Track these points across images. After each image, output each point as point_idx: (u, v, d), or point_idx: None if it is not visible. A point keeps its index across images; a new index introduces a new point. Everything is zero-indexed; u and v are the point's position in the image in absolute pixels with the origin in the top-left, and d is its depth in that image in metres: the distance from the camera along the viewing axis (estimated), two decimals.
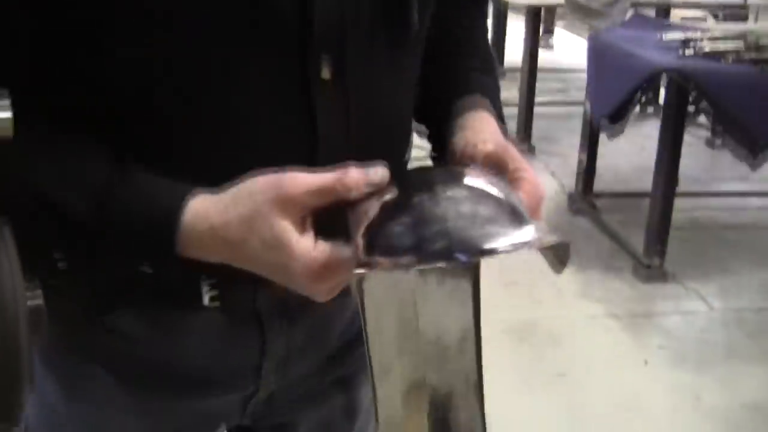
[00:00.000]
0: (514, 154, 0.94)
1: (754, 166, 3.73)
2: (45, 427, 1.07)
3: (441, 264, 0.78)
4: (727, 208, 4.84)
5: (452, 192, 0.81)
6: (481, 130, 1.00)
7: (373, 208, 0.82)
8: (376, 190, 0.84)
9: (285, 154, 0.89)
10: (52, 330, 0.92)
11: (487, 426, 0.88)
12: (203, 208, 0.86)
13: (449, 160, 0.99)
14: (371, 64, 0.97)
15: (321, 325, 1.11)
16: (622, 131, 4.16)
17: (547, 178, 5.15)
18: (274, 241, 0.83)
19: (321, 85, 0.92)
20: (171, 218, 0.86)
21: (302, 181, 0.83)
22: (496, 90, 1.13)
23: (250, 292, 1.01)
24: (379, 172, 0.84)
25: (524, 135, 5.56)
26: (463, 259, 0.76)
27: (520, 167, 0.93)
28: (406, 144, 1.11)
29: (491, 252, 0.77)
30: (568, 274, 3.92)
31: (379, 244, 0.79)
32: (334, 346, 1.15)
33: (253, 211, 0.83)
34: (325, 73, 0.92)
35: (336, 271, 0.83)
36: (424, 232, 0.78)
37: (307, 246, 0.83)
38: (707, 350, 3.40)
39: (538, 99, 5.73)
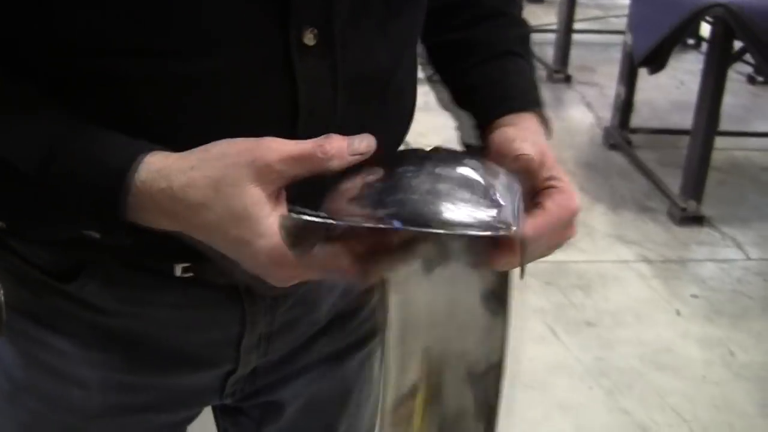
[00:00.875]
0: (550, 161, 0.89)
1: None
2: None
3: (370, 225, 0.75)
4: (767, 149, 4.70)
5: (439, 170, 0.79)
6: (523, 129, 0.94)
7: (354, 186, 0.79)
8: (363, 170, 0.80)
9: (262, 126, 0.82)
10: (13, 291, 0.91)
11: (510, 373, 0.88)
12: (164, 166, 0.78)
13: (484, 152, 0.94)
14: (362, 29, 0.89)
15: (308, 299, 1.06)
16: (663, 68, 4.05)
17: (583, 109, 5.05)
18: (242, 211, 0.76)
19: (303, 51, 0.84)
20: (122, 173, 0.78)
21: (281, 146, 0.77)
22: (532, 69, 1.08)
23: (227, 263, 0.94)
24: (364, 141, 0.79)
25: (561, 64, 5.43)
26: (395, 225, 0.74)
27: (555, 176, 0.89)
28: (406, 122, 1.05)
29: (430, 231, 0.74)
30: (601, 213, 3.87)
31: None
32: (323, 320, 1.10)
33: (222, 175, 0.76)
34: (309, 39, 0.84)
35: None
36: (385, 199, 0.76)
37: (275, 221, 0.76)
38: (742, 303, 3.32)
39: (576, 26, 5.59)
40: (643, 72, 4.25)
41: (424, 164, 0.79)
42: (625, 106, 4.51)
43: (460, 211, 0.74)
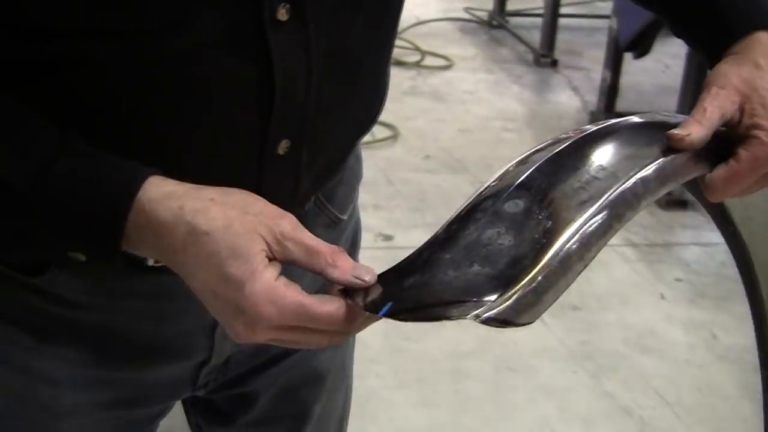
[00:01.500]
0: (754, 107, 0.87)
1: None
2: None
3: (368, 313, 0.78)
4: None
5: (510, 201, 0.79)
6: (738, 63, 0.91)
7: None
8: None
9: (238, 103, 0.84)
10: None
11: (495, 356, 0.85)
12: (175, 189, 0.79)
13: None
14: (334, 5, 0.88)
15: None
16: (647, 52, 4.06)
17: (569, 93, 5.05)
18: (245, 251, 0.76)
19: (277, 27, 0.83)
20: (128, 189, 0.78)
21: (300, 229, 0.79)
22: None
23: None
24: (368, 275, 0.79)
25: (547, 48, 5.43)
26: (381, 313, 0.76)
27: (758, 123, 0.87)
28: (379, 103, 1.04)
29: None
30: None
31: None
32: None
33: (239, 217, 0.77)
34: (282, 14, 0.83)
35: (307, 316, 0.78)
36: (429, 258, 0.79)
37: (273, 274, 0.77)
38: (726, 286, 3.32)
39: (563, 10, 5.59)
40: (629, 56, 4.25)
41: (503, 194, 0.80)
42: (610, 90, 4.51)
43: (466, 280, 0.75)
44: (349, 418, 1.33)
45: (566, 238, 0.76)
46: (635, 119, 0.91)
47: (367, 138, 1.08)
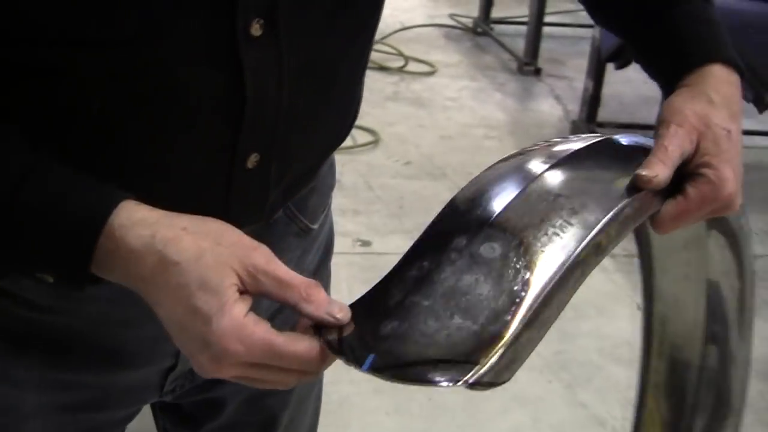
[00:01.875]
0: (707, 145, 0.89)
1: (761, 108, 3.64)
2: None
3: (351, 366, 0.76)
4: None
5: (486, 244, 0.79)
6: (687, 105, 0.92)
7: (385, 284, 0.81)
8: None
9: (208, 116, 0.84)
10: None
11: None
12: (148, 216, 0.78)
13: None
14: (309, 19, 0.88)
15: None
16: (629, 63, 4.07)
17: (552, 102, 5.06)
18: (215, 285, 0.75)
19: (250, 41, 0.83)
20: (100, 213, 0.78)
21: (274, 262, 0.77)
22: (710, 12, 1.03)
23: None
24: (341, 313, 0.78)
25: (531, 56, 5.44)
26: (364, 368, 0.75)
27: (707, 162, 0.89)
28: (353, 115, 1.04)
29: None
30: None
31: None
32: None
33: (211, 249, 0.76)
34: (255, 29, 0.83)
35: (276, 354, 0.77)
36: (404, 300, 0.77)
37: (243, 310, 0.76)
38: None
39: (547, 19, 5.60)
40: (611, 66, 4.26)
41: (478, 233, 0.80)
42: (592, 100, 4.52)
43: (448, 335, 0.74)
44: (323, 425, 1.33)
45: (545, 294, 0.76)
46: (597, 144, 0.91)
47: (347, 143, 1.08)
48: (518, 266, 0.77)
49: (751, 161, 4.54)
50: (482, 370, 0.72)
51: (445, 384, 0.72)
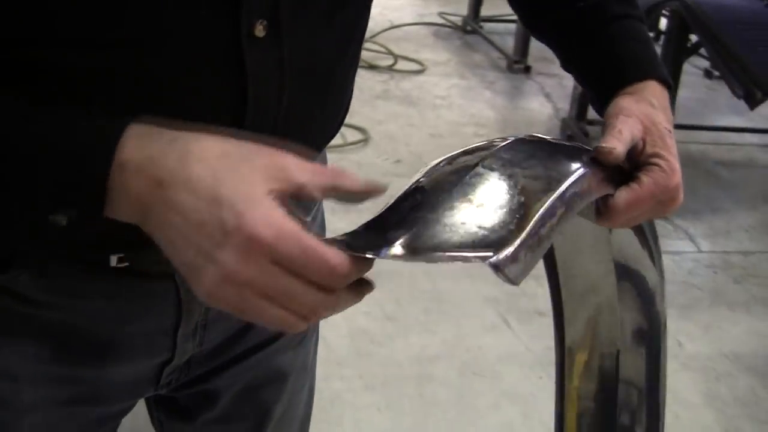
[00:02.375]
0: (656, 137, 0.93)
1: (753, 105, 3.65)
2: None
3: (369, 255, 0.74)
4: (721, 143, 4.74)
5: (474, 179, 0.79)
6: (635, 100, 0.97)
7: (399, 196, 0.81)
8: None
9: (210, 117, 0.81)
10: None
11: (461, 361, 0.84)
12: (164, 127, 0.75)
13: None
14: (309, 20, 0.89)
15: None
16: None
17: (541, 100, 5.08)
18: (242, 174, 0.72)
19: (253, 43, 0.83)
20: (118, 123, 0.74)
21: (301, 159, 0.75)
22: (644, 31, 1.08)
23: (162, 253, 0.93)
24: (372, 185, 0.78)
25: (521, 54, 5.45)
26: (381, 255, 0.73)
27: (659, 153, 0.93)
28: (344, 113, 1.06)
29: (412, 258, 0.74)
30: None
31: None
32: None
33: (236, 145, 0.74)
34: (259, 31, 0.83)
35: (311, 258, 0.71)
36: (408, 216, 0.77)
37: (274, 203, 0.72)
38: (692, 294, 3.35)
39: None
40: None
41: (459, 175, 0.80)
42: (582, 98, 4.52)
43: (459, 239, 0.74)
44: (315, 421, 1.33)
45: (541, 214, 0.77)
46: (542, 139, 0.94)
47: (337, 141, 1.09)
48: (511, 192, 0.79)
49: (741, 159, 4.57)
50: (504, 253, 0.72)
51: (482, 255, 0.72)
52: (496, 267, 0.71)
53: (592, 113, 4.58)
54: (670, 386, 2.79)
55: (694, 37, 4.04)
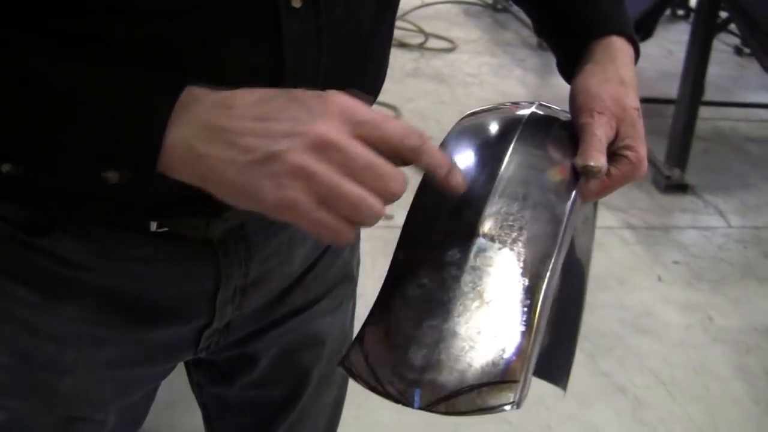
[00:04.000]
0: (626, 129, 0.95)
1: None
2: None
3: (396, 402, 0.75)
4: (752, 120, 4.74)
5: (481, 255, 0.80)
6: (603, 89, 0.97)
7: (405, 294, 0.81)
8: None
9: (250, 82, 0.81)
10: None
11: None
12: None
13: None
14: None
15: (281, 253, 1.06)
16: (650, 36, 4.08)
17: None
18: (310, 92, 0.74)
19: (291, 13, 0.85)
20: (177, 81, 0.75)
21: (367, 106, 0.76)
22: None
23: (202, 219, 0.95)
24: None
25: None
26: (415, 407, 0.74)
27: (628, 144, 0.94)
28: (382, 79, 1.06)
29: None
30: None
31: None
32: (296, 273, 1.11)
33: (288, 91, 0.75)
34: (296, 1, 0.84)
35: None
36: (421, 324, 0.77)
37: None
38: (722, 269, 3.36)
39: None
40: None
41: (469, 245, 0.81)
42: None
43: (480, 357, 0.74)
44: (347, 394, 1.35)
45: (544, 295, 0.79)
46: (530, 125, 0.95)
47: None
48: (517, 276, 0.80)
49: (765, 135, 4.55)
50: (522, 388, 0.73)
51: (507, 409, 0.73)
52: (518, 406, 0.73)
53: None
54: (701, 359, 2.82)
55: (724, 14, 4.03)
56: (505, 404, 0.73)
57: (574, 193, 0.88)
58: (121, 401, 1.07)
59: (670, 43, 5.50)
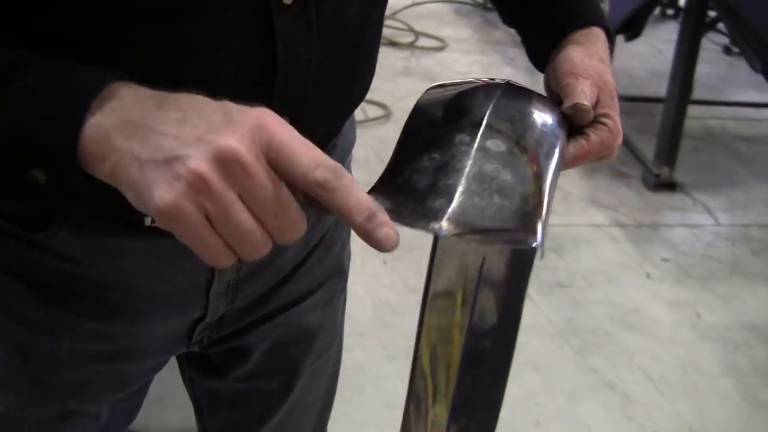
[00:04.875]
0: (606, 96, 0.96)
1: None
2: None
3: (421, 230, 0.72)
4: (740, 118, 4.76)
5: (490, 143, 0.81)
6: (585, 54, 0.99)
7: (413, 161, 0.81)
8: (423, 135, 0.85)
9: (241, 85, 0.85)
10: None
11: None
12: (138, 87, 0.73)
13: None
14: None
15: (274, 247, 1.06)
16: (638, 35, 4.10)
17: None
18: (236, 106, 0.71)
19: (282, 10, 0.86)
20: (99, 74, 0.72)
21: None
22: None
23: None
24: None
25: None
26: (441, 233, 0.72)
27: (608, 113, 0.95)
28: (371, 76, 1.08)
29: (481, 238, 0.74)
30: (577, 178, 3.92)
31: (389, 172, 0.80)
32: (288, 267, 1.12)
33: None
34: None
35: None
36: (438, 183, 0.76)
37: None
38: (711, 266, 3.38)
39: None
40: (621, 41, 4.29)
41: (477, 131, 0.82)
42: None
43: (496, 214, 0.75)
44: (338, 390, 1.36)
45: (549, 182, 0.81)
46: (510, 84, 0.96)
47: (359, 116, 1.11)
48: (526, 161, 0.82)
49: (760, 134, 4.58)
50: (539, 237, 0.74)
51: (524, 243, 0.74)
52: (537, 247, 0.74)
53: None
54: (689, 356, 2.84)
55: (712, 13, 4.05)
56: (525, 244, 0.74)
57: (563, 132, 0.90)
58: (114, 395, 1.08)
59: (659, 42, 5.52)
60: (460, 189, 0.76)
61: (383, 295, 3.01)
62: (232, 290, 1.06)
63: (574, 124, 0.94)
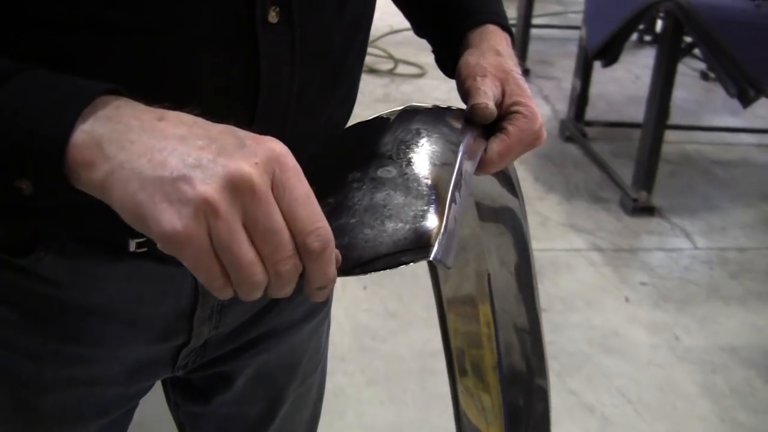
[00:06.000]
0: (513, 87, 0.95)
1: (746, 103, 3.70)
2: None
3: None
4: (717, 143, 4.80)
5: (381, 172, 0.82)
6: (481, 60, 0.98)
7: None
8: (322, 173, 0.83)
9: (223, 104, 0.85)
10: None
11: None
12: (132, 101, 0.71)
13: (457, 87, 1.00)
14: (321, 8, 0.92)
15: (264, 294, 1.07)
16: (615, 61, 4.15)
17: (540, 102, 5.12)
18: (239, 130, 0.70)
19: (267, 28, 0.86)
20: (88, 85, 0.71)
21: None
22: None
23: None
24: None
25: (520, 57, 5.46)
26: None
27: (518, 101, 0.94)
28: (351, 105, 1.09)
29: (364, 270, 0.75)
30: (555, 203, 3.94)
31: None
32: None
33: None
34: (272, 17, 0.86)
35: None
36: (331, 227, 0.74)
37: None
38: (689, 289, 3.40)
39: (535, 21, 5.67)
40: (599, 66, 4.33)
41: (368, 165, 0.83)
42: (580, 99, 4.59)
43: (389, 239, 0.76)
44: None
45: (450, 191, 0.81)
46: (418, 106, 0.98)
47: None
48: (418, 178, 0.82)
49: (737, 158, 4.62)
50: (436, 248, 0.75)
51: (420, 258, 0.75)
52: (437, 260, 0.75)
53: (590, 114, 4.64)
54: (667, 378, 2.85)
55: (688, 39, 4.10)
56: (421, 259, 0.75)
57: (468, 134, 0.90)
58: (100, 420, 1.07)
59: (637, 68, 5.57)
60: (350, 226, 0.77)
61: (363, 320, 3.02)
62: (216, 316, 1.06)
63: (485, 123, 0.93)
